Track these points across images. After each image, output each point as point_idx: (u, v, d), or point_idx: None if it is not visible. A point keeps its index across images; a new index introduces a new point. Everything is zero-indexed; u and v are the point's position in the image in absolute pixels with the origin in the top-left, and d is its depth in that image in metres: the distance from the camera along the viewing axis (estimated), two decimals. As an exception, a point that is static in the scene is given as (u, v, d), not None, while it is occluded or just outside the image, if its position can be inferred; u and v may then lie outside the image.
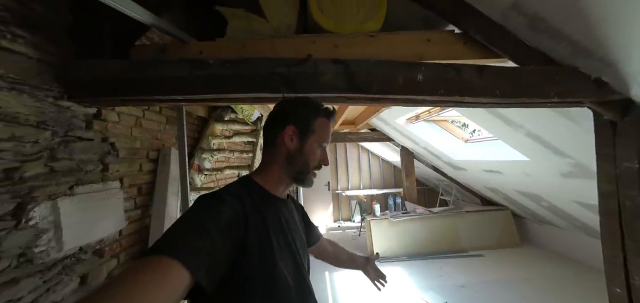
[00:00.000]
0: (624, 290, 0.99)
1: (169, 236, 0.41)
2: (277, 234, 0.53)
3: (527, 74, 1.00)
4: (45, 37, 0.81)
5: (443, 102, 1.09)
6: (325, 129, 0.62)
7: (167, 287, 0.35)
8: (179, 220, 0.45)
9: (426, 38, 1.13)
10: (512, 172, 2.48)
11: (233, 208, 0.48)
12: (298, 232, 0.63)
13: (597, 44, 0.90)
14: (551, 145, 1.68)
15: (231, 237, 0.45)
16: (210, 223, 0.43)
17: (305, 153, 0.59)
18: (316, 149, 0.60)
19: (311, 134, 0.60)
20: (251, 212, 0.50)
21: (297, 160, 0.59)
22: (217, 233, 0.43)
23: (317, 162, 0.61)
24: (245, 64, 0.93)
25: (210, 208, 0.46)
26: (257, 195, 0.55)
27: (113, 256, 1.10)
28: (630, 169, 0.98)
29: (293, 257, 0.55)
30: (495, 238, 3.48)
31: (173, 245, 0.39)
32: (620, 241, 0.99)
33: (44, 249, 0.77)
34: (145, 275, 0.35)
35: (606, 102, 1.00)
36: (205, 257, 0.40)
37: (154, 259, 0.37)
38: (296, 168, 0.59)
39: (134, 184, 1.24)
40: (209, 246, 0.41)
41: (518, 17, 0.99)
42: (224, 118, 2.16)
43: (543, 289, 2.41)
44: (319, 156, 0.61)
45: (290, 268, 0.53)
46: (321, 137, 0.61)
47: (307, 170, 0.59)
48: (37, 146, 0.78)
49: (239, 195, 0.52)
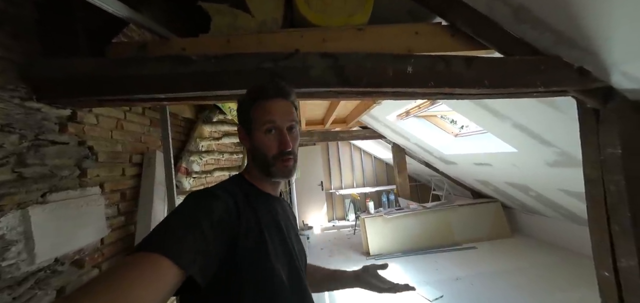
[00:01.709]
0: (611, 273, 1.01)
1: (158, 232, 0.40)
2: (271, 230, 0.52)
3: (513, 64, 1.01)
4: (7, 33, 0.75)
5: (433, 94, 1.09)
6: (262, 111, 0.55)
7: (155, 284, 0.34)
8: (169, 216, 0.44)
9: (414, 31, 1.12)
10: (501, 164, 2.54)
11: (226, 204, 0.46)
12: (294, 230, 0.61)
13: (580, 34, 0.92)
14: (537, 135, 1.72)
15: (223, 233, 0.44)
16: (202, 219, 0.42)
17: (255, 147, 0.56)
18: (264, 138, 0.55)
19: (252, 124, 0.56)
20: (244, 208, 0.49)
21: (256, 156, 0.57)
22: (209, 229, 0.41)
23: (275, 149, 0.54)
24: (230, 60, 0.89)
25: (201, 204, 0.45)
26: (249, 192, 0.54)
27: (94, 266, 1.03)
28: (613, 155, 1.00)
29: (288, 254, 0.53)
30: (487, 230, 3.55)
31: (163, 242, 0.37)
32: (606, 225, 1.02)
33: (12, 262, 0.71)
34: (134, 271, 0.34)
35: (589, 90, 1.02)
36: (197, 253, 0.39)
37: (143, 256, 0.35)
38: (260, 163, 0.56)
39: (116, 189, 1.17)
40: (201, 242, 0.40)
41: (503, 8, 1.00)
42: (212, 119, 2.10)
43: (536, 277, 2.48)
44: (272, 142, 0.54)
45: (285, 265, 0.52)
46: (261, 121, 0.55)
47: (266, 161, 0.55)
48: (2, 151, 0.72)
49: (231, 191, 0.50)
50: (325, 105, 3.20)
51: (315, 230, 5.01)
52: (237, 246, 0.46)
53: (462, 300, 2.25)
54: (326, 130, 4.26)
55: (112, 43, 0.99)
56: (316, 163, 5.75)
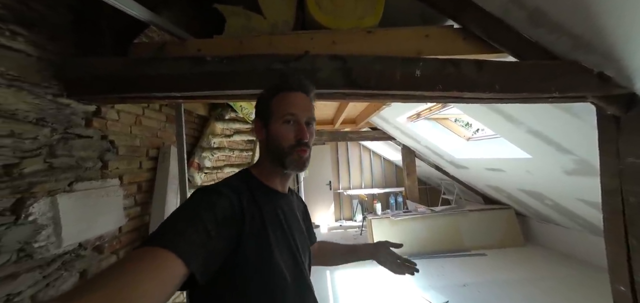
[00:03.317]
0: (628, 288, 0.97)
1: (165, 227, 0.41)
2: (275, 228, 0.53)
3: (527, 68, 0.99)
4: (45, 35, 0.82)
5: (442, 98, 1.08)
6: (284, 102, 0.56)
7: (161, 278, 0.35)
8: (175, 212, 0.45)
9: (425, 34, 1.12)
10: (514, 170, 2.46)
11: (230, 201, 0.47)
12: (298, 227, 0.61)
13: (600, 38, 0.89)
14: (553, 141, 1.65)
15: (227, 230, 0.45)
16: (207, 216, 0.43)
17: (272, 137, 0.56)
18: (281, 128, 0.56)
19: (270, 116, 0.57)
20: (248, 205, 0.50)
21: (270, 147, 0.57)
22: (213, 226, 0.42)
23: (292, 139, 0.55)
24: (242, 61, 0.93)
25: (207, 201, 0.46)
26: (255, 188, 0.55)
27: (113, 253, 1.10)
28: (635, 164, 0.96)
29: (291, 251, 0.54)
30: (498, 237, 3.44)
31: (169, 237, 0.39)
32: (624, 239, 0.98)
33: (43, 244, 0.78)
34: (141, 265, 0.34)
35: (610, 96, 0.98)
36: (200, 248, 0.40)
37: (150, 250, 0.37)
38: (274, 155, 0.57)
39: (133, 182, 1.25)
40: (204, 238, 0.41)
41: (518, 11, 0.98)
42: (224, 117, 2.17)
43: (548, 289, 2.38)
44: (290, 133, 0.55)
45: (288, 262, 0.52)
46: (281, 112, 0.56)
47: (282, 153, 0.56)
48: (36, 142, 0.79)
49: (236, 188, 0.51)
50: (334, 106, 3.21)
51: (322, 229, 5.03)
52: (241, 242, 0.46)
53: None
54: (335, 130, 4.27)
55: (134, 43, 1.06)
56: (325, 162, 5.77)
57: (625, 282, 0.98)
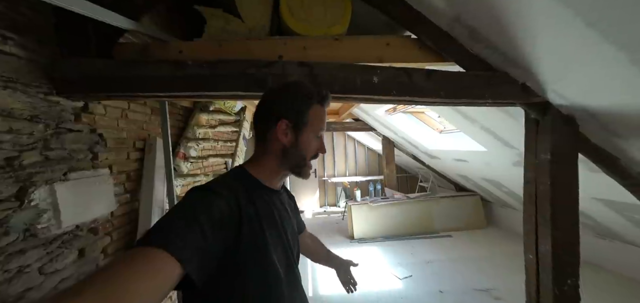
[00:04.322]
0: (534, 255, 1.23)
1: (160, 227, 0.40)
2: (270, 227, 0.53)
3: (469, 78, 1.17)
4: (33, 38, 0.89)
5: (396, 101, 1.25)
6: (320, 117, 0.58)
7: (156, 278, 0.34)
8: (171, 211, 0.44)
9: (386, 42, 1.26)
10: (475, 161, 2.74)
11: (227, 202, 0.47)
12: (289, 222, 0.62)
13: (521, 55, 1.08)
14: (501, 138, 1.90)
15: (224, 232, 0.44)
16: (203, 216, 0.42)
17: (301, 146, 0.56)
18: (313, 139, 0.57)
19: (305, 125, 0.56)
20: (245, 206, 0.49)
21: (293, 154, 0.56)
22: (209, 227, 0.42)
23: (315, 151, 0.58)
24: (220, 65, 1.04)
25: (203, 201, 0.45)
26: (251, 188, 0.54)
27: (106, 234, 1.23)
28: (545, 160, 1.19)
29: (284, 248, 0.55)
30: (464, 221, 3.82)
31: (164, 236, 0.38)
32: (534, 217, 1.23)
33: (45, 226, 0.90)
34: (136, 265, 0.34)
35: (531, 103, 1.19)
36: (196, 249, 0.39)
37: (143, 250, 0.36)
38: (293, 162, 0.57)
39: (122, 171, 1.35)
40: (200, 239, 0.40)
41: (461, 28, 1.15)
42: (208, 108, 2.25)
43: (498, 263, 2.76)
44: (316, 146, 0.58)
45: (281, 259, 0.54)
46: (316, 126, 0.57)
47: (303, 163, 0.57)
48: (32, 137, 0.89)
49: (233, 188, 0.50)
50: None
51: (307, 215, 5.28)
52: (238, 242, 0.46)
53: (428, 280, 2.52)
54: (320, 120, 4.40)
55: (119, 44, 1.13)
56: (310, 151, 5.93)
57: (532, 252, 1.24)
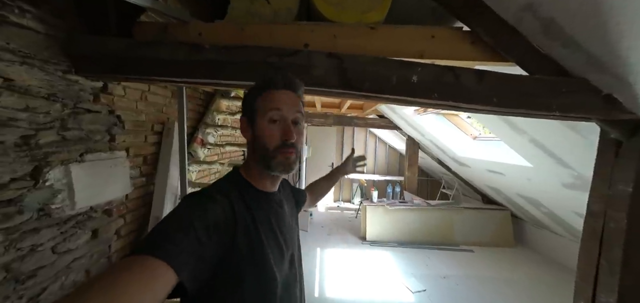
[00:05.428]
0: (590, 304, 1.02)
1: (155, 235, 0.41)
2: (266, 230, 0.53)
3: (532, 83, 0.96)
4: (51, 12, 0.85)
5: (437, 105, 1.07)
6: (269, 100, 0.54)
7: (150, 286, 0.35)
8: (166, 218, 0.44)
9: (430, 34, 1.07)
10: (514, 176, 2.44)
11: (222, 208, 0.47)
12: (288, 223, 0.61)
13: (617, 60, 0.84)
14: (554, 154, 1.62)
15: (219, 238, 0.44)
16: (198, 223, 0.42)
17: (258, 137, 0.54)
18: (267, 127, 0.53)
19: (256, 114, 0.54)
20: (240, 210, 0.49)
21: (257, 148, 0.54)
22: (204, 233, 0.42)
23: (278, 140, 0.53)
24: (239, 51, 0.94)
25: (198, 207, 0.45)
26: (245, 192, 0.54)
27: (120, 216, 1.23)
28: (623, 192, 0.96)
29: (281, 250, 0.55)
30: (489, 236, 3.50)
31: (159, 244, 0.38)
32: (596, 259, 1.01)
33: (59, 206, 0.89)
34: (131, 274, 0.34)
35: (615, 120, 0.95)
36: (191, 256, 0.40)
37: (138, 258, 0.36)
38: (259, 156, 0.54)
39: (139, 154, 1.34)
40: (195, 245, 0.41)
41: (532, 21, 0.93)
42: (230, 94, 2.20)
43: (525, 290, 2.47)
44: (276, 133, 0.53)
45: (278, 261, 0.53)
46: (266, 110, 0.53)
47: (267, 154, 0.53)
48: (49, 116, 0.86)
49: (228, 192, 0.50)
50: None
51: (319, 208, 5.22)
52: (234, 246, 0.46)
53: (443, 297, 2.31)
54: (342, 114, 4.24)
55: (139, 22, 1.07)
56: (329, 144, 5.82)
57: (587, 300, 1.03)
